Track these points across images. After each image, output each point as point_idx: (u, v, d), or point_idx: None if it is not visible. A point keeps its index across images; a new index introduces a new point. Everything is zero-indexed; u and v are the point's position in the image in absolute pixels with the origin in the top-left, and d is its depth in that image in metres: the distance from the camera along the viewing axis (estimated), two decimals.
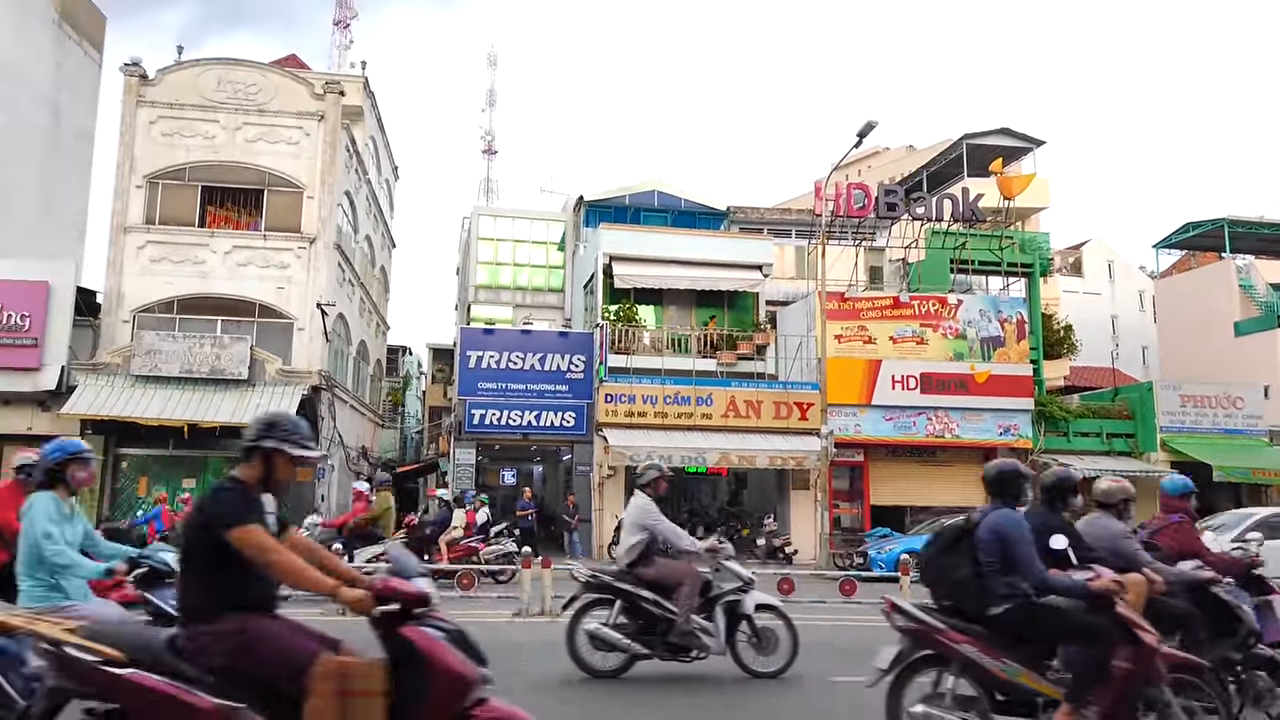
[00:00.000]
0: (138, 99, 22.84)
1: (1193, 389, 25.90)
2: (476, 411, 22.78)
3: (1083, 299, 41.77)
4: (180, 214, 22.77)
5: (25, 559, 4.94)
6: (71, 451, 5.16)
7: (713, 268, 25.23)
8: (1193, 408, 25.48)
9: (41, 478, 5.16)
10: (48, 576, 4.91)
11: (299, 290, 22.76)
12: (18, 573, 4.97)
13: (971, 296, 25.68)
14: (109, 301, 22.16)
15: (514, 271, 35.65)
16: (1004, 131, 27.98)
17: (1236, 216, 31.49)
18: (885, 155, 55.46)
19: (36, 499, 5.02)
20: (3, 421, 21.09)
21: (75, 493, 5.21)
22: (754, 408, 23.21)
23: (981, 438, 23.89)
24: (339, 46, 70.70)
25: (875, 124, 19.65)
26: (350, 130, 25.78)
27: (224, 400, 20.70)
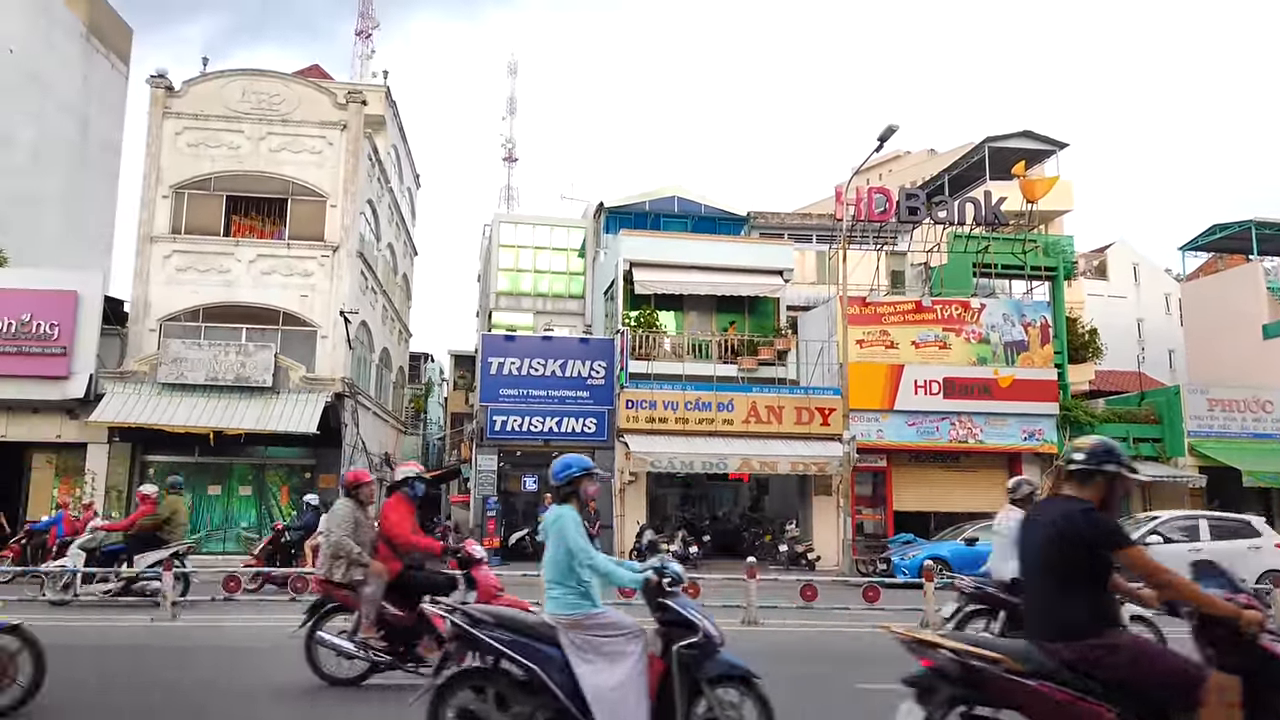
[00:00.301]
0: (164, 110, 23.13)
1: (1220, 393, 25.58)
2: (498, 418, 22.87)
3: (1107, 302, 41.36)
4: (205, 223, 23.04)
5: (557, 568, 5.06)
6: (585, 468, 5.37)
7: (733, 273, 25.20)
8: (1221, 412, 25.17)
9: (564, 492, 5.38)
10: (577, 585, 5.04)
11: (322, 298, 22.95)
12: (546, 580, 5.12)
13: (994, 300, 25.51)
14: (136, 310, 22.43)
15: (535, 278, 35.75)
16: (1026, 134, 27.80)
17: (1264, 218, 31.08)
18: (906, 159, 55.19)
19: (565, 512, 5.19)
20: (32, 429, 21.40)
21: (585, 506, 5.39)
22: (775, 413, 23.15)
23: (1005, 443, 23.71)
24: (361, 56, 71.36)
25: (896, 128, 19.58)
26: (372, 139, 25.98)
27: (248, 407, 20.89)
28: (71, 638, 9.82)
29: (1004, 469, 24.32)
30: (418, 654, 7.40)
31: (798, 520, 23.42)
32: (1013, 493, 8.25)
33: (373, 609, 7.39)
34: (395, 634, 7.44)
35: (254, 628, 11.05)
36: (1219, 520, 16.79)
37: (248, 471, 22.45)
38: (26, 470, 21.73)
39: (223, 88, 23.58)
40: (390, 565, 7.55)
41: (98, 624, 11.25)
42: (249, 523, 22.10)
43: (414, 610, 7.33)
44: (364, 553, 7.60)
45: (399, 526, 7.63)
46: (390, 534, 7.64)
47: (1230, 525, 16.79)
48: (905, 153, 55.84)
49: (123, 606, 12.32)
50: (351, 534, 7.64)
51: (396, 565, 7.56)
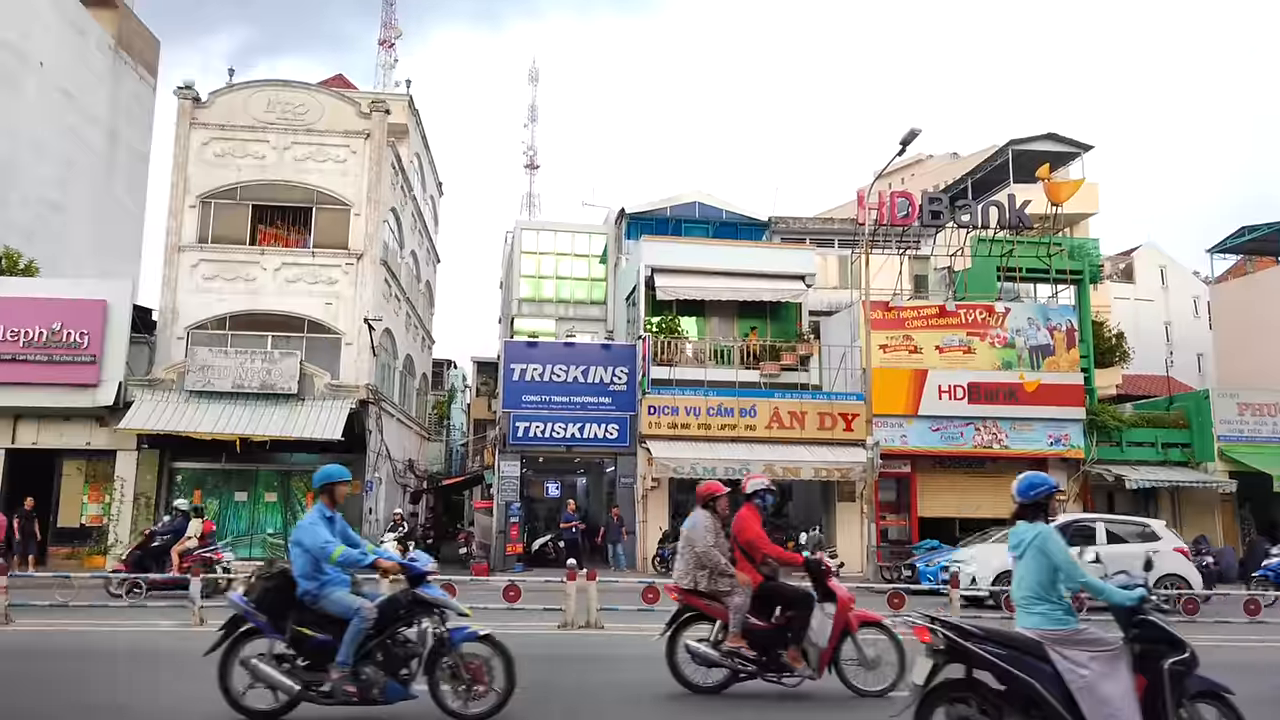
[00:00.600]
0: (191, 121, 23.43)
1: (1251, 396, 25.21)
2: (520, 424, 22.93)
3: (1135, 306, 40.97)
4: (232, 232, 23.30)
5: (1040, 586, 5.14)
6: (1052, 488, 5.49)
7: (755, 278, 25.14)
8: (1251, 416, 24.80)
9: (1035, 508, 5.43)
10: (1059, 601, 5.12)
11: (346, 306, 23.14)
12: (1023, 597, 5.21)
13: (1019, 304, 25.30)
14: (164, 319, 22.71)
15: (556, 285, 35.89)
16: (1051, 137, 27.56)
17: None
18: (929, 163, 54.85)
19: (1045, 530, 5.26)
20: (63, 436, 21.70)
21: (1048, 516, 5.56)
22: (798, 419, 23.07)
23: (1031, 448, 23.49)
24: (384, 66, 71.98)
25: (918, 132, 19.50)
26: (395, 148, 26.19)
27: (274, 414, 21.08)
28: None
29: None
30: (781, 663, 7.46)
31: (821, 526, 23.31)
32: None
33: (740, 619, 7.46)
34: (757, 643, 7.52)
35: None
36: (1117, 523, 16.66)
37: (273, 478, 22.64)
38: (57, 477, 22.02)
39: (248, 98, 23.86)
40: (750, 576, 7.63)
41: None
42: (275, 528, 22.27)
43: (772, 620, 7.54)
44: (729, 564, 7.65)
45: (761, 539, 7.74)
46: (752, 545, 7.71)
47: (1129, 529, 16.63)
48: (928, 156, 55.51)
49: None
50: (715, 545, 7.68)
51: (756, 576, 7.65)
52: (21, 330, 20.86)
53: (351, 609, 6.20)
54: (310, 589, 6.30)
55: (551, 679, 8.28)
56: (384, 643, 6.32)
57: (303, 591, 6.30)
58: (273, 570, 6.49)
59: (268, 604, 6.29)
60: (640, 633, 11.37)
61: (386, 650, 6.31)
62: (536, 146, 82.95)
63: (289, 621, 6.27)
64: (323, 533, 6.36)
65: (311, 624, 6.28)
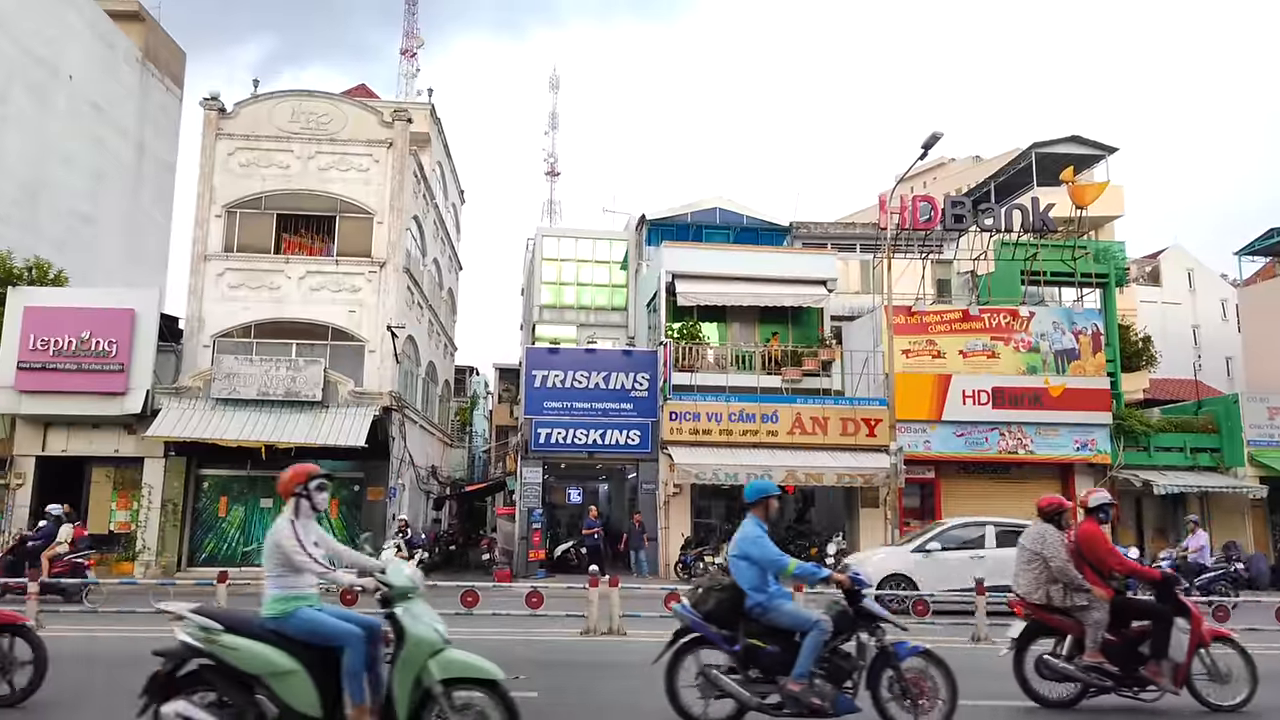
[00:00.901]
0: (216, 132, 23.70)
1: None
2: (542, 430, 22.98)
3: (1162, 309, 40.52)
4: (257, 241, 23.53)
5: None
6: None
7: (776, 284, 25.08)
8: None
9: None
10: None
11: (370, 313, 23.30)
12: None
13: (1044, 308, 25.07)
14: (190, 327, 22.96)
15: (578, 291, 35.93)
16: (1074, 139, 27.31)
17: None
18: (951, 166, 54.61)
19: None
20: (92, 444, 21.99)
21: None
22: (820, 424, 22.97)
23: (1057, 453, 23.27)
24: (406, 75, 72.58)
25: (940, 135, 19.37)
26: (418, 156, 26.36)
27: (299, 422, 21.24)
28: None
29: (1056, 479, 23.86)
30: (1139, 677, 7.43)
31: (844, 532, 23.18)
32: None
33: (1099, 634, 7.42)
34: (1114, 657, 7.49)
35: None
36: (1006, 527, 16.47)
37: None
38: (86, 484, 22.30)
39: (273, 108, 24.11)
40: (1104, 591, 7.60)
41: None
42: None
43: (1125, 633, 7.50)
44: (1083, 579, 7.59)
45: (1114, 554, 7.74)
46: (1102, 560, 7.68)
47: (1016, 532, 16.35)
48: (950, 160, 55.26)
49: None
50: (1070, 560, 7.60)
51: (1108, 591, 7.62)
52: (52, 339, 21.15)
53: (809, 621, 6.25)
54: (760, 601, 6.36)
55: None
56: (828, 655, 6.34)
57: (752, 603, 6.35)
58: (722, 582, 6.52)
59: (719, 616, 6.37)
60: (666, 639, 11.37)
61: (831, 663, 6.33)
62: (557, 153, 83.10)
63: (739, 633, 6.35)
64: (774, 546, 6.49)
65: (760, 636, 6.35)
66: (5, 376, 21.04)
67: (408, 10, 75.38)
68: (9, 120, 26.93)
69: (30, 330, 21.12)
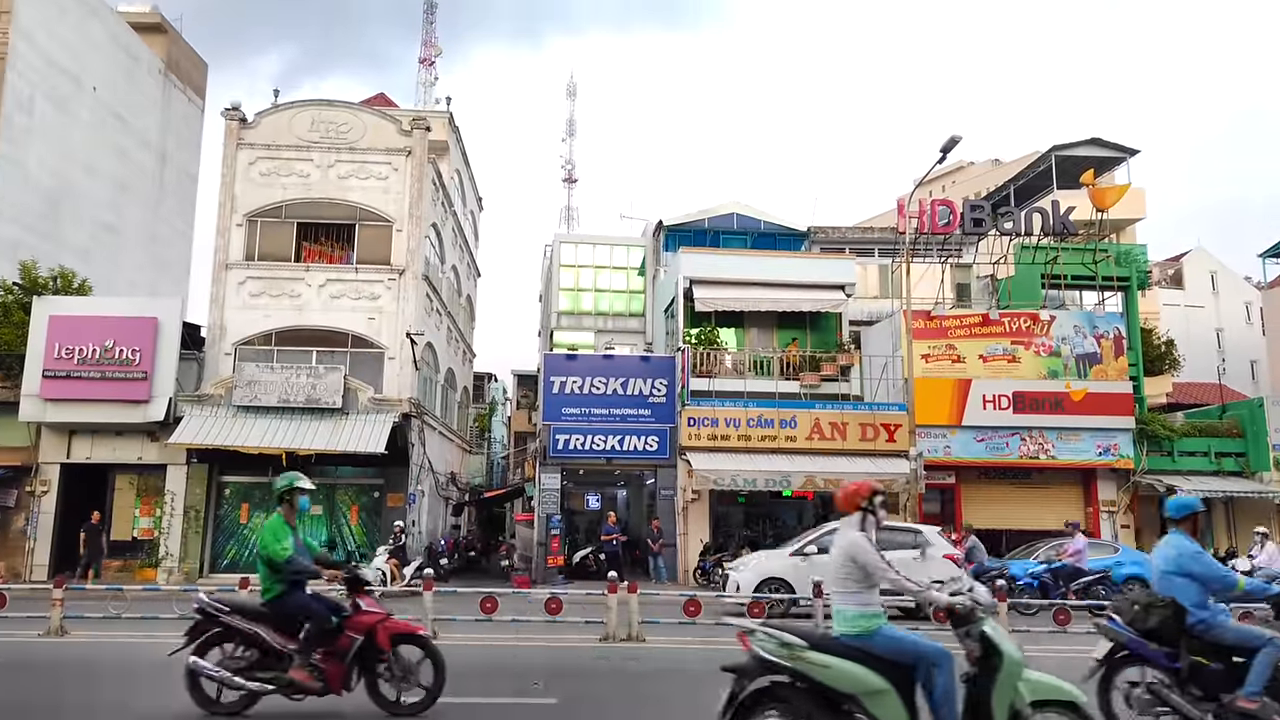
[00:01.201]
0: (238, 142, 23.92)
1: None
2: (561, 436, 23.00)
3: (1184, 312, 40.12)
4: (277, 250, 23.73)
5: None
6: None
7: (794, 289, 25.01)
8: None
9: None
10: None
11: (389, 320, 23.43)
12: None
13: (1065, 312, 24.88)
14: (212, 335, 23.16)
15: (595, 297, 36.00)
16: (1095, 142, 27.16)
17: None
18: (970, 170, 54.38)
19: None
20: (115, 452, 22.20)
21: None
22: (839, 430, 22.88)
23: (1079, 458, 23.07)
24: (424, 84, 73.15)
25: (959, 139, 19.29)
26: (436, 164, 26.50)
27: (319, 428, 21.37)
28: None
29: (1079, 485, 23.66)
30: None
31: None
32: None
33: None
34: None
35: None
36: (887, 529, 16.23)
37: (319, 491, 22.87)
38: (110, 491, 22.52)
39: (293, 118, 24.31)
40: None
41: None
42: (320, 542, 22.53)
43: None
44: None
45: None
46: None
47: (898, 535, 16.19)
48: (969, 163, 55.05)
49: None
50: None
51: None
52: (76, 348, 21.38)
53: (1260, 638, 6.13)
54: (1204, 618, 6.26)
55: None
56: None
57: (1195, 620, 6.26)
58: (1159, 600, 6.38)
59: (1160, 633, 6.26)
60: (684, 646, 11.36)
61: (1276, 681, 6.15)
62: (575, 160, 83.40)
63: (1181, 650, 6.21)
64: (1217, 563, 6.43)
65: (1202, 653, 6.21)
66: (31, 385, 21.29)
67: (426, 19, 76.12)
68: (34, 132, 27.30)
69: (55, 339, 21.35)
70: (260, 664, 6.88)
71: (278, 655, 6.88)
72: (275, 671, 6.84)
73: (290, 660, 6.82)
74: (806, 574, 14.91)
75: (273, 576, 6.96)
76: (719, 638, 11.85)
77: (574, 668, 9.78)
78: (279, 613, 6.95)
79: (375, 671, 6.94)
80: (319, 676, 6.78)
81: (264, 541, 7.01)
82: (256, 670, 6.85)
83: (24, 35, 26.83)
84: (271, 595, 6.97)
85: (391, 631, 6.94)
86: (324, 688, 6.78)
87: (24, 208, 26.81)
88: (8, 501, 21.98)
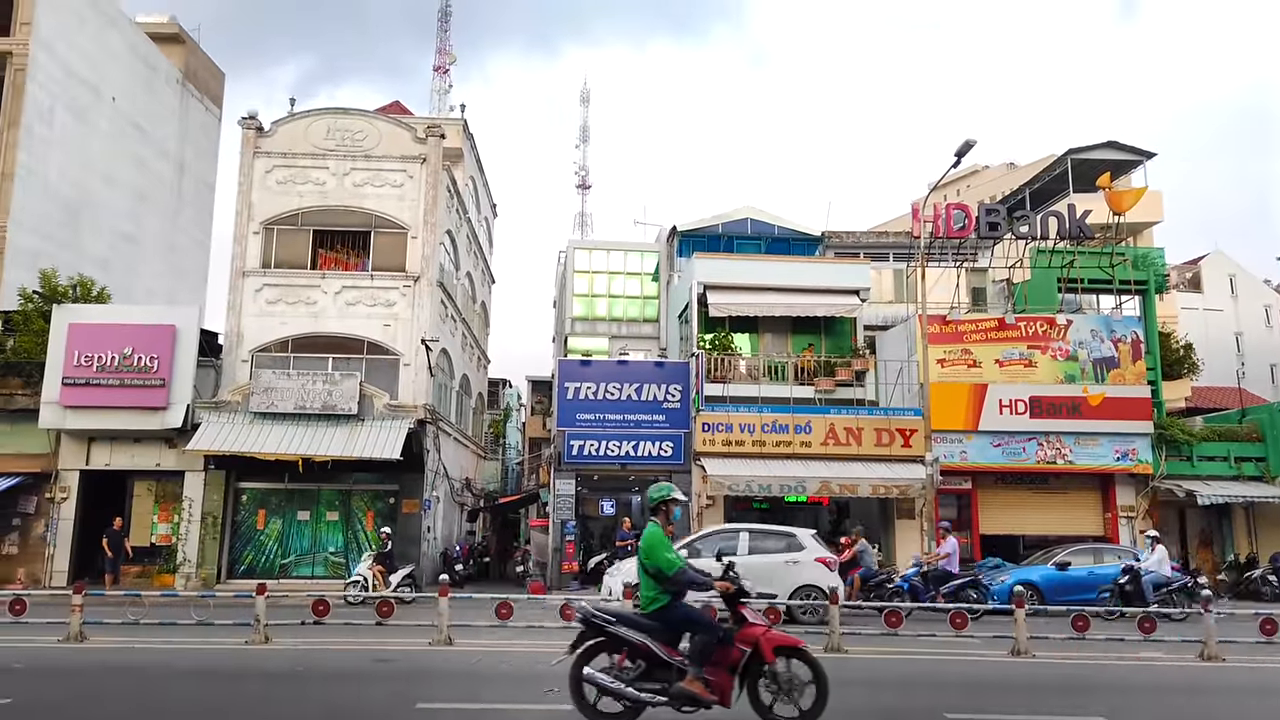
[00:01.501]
0: (254, 150, 24.11)
1: None
2: (575, 442, 23.02)
3: (1203, 316, 39.74)
4: (294, 257, 23.88)
5: None
6: None
7: (808, 294, 24.96)
8: None
9: None
10: None
11: (404, 327, 23.53)
12: None
13: (1082, 316, 24.72)
14: (229, 342, 23.33)
15: (609, 303, 36.03)
16: (1111, 145, 26.96)
17: None
18: (985, 174, 54.18)
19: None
20: (134, 458, 22.37)
21: None
22: (854, 435, 22.80)
23: (1097, 463, 22.90)
24: (439, 91, 73.51)
25: (974, 143, 19.22)
26: (451, 171, 26.63)
27: (335, 435, 21.47)
28: None
29: (1096, 490, 23.48)
30: None
31: (880, 544, 22.96)
32: None
33: None
34: None
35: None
36: (761, 532, 16.14)
37: (335, 497, 23.04)
38: (128, 497, 22.69)
39: (309, 126, 24.49)
40: None
41: None
42: (336, 547, 22.66)
43: None
44: None
45: None
46: None
47: (771, 538, 16.05)
48: (984, 167, 54.84)
49: None
50: None
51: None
52: (95, 355, 21.57)
53: None
54: None
55: None
56: None
57: None
58: None
59: None
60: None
61: None
62: (588, 166, 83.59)
63: None
64: None
65: None
66: (51, 392, 21.49)
67: (440, 28, 76.59)
68: (54, 142, 27.60)
69: (75, 347, 21.56)
70: (647, 675, 6.80)
71: (664, 666, 6.80)
72: (662, 683, 6.76)
73: (676, 672, 6.74)
74: None
75: (657, 587, 6.81)
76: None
77: None
78: (664, 623, 6.85)
79: (756, 683, 6.82)
80: (713, 688, 6.65)
81: (650, 552, 6.81)
82: (645, 682, 6.77)
83: (44, 46, 27.15)
84: (657, 606, 6.84)
85: (775, 644, 6.84)
86: (718, 700, 6.66)
87: (44, 217, 27.11)
88: (28, 508, 22.18)
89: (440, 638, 11.61)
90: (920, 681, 9.63)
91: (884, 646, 11.65)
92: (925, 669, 10.50)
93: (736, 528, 16.81)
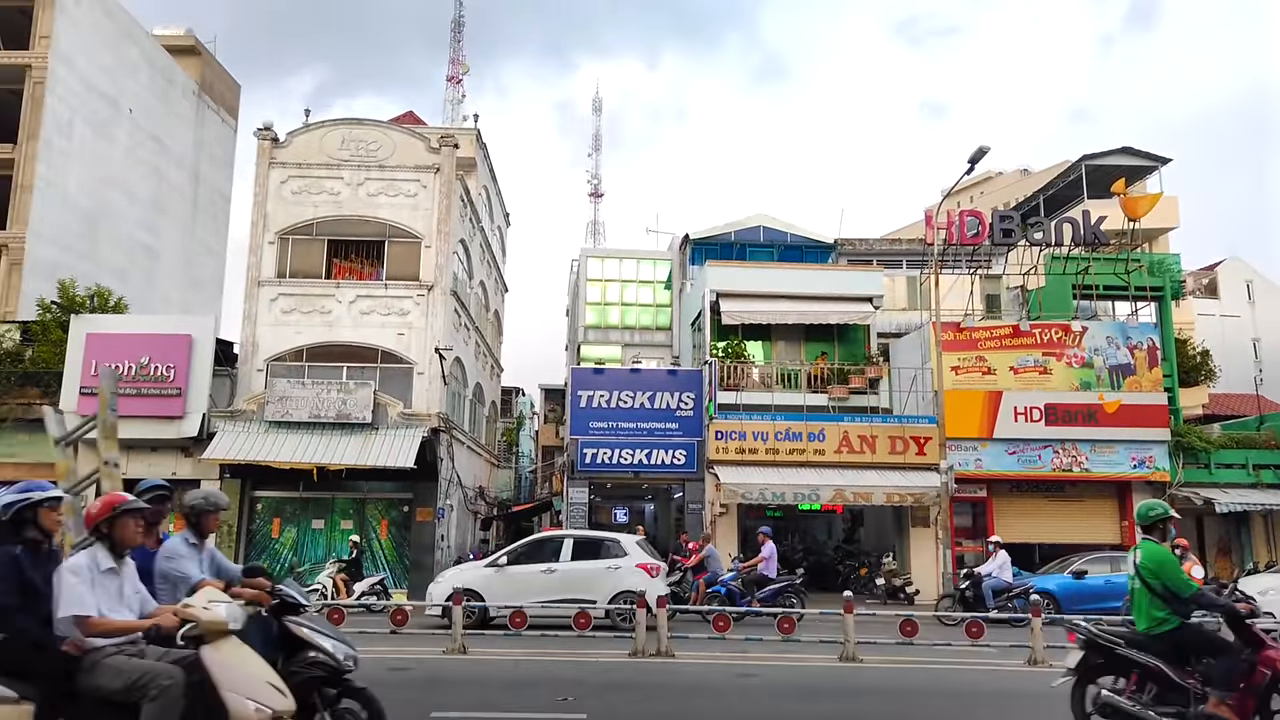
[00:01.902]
0: (270, 161, 24.28)
1: None
2: (588, 450, 23.04)
3: (1220, 322, 39.43)
4: (309, 267, 24.02)
5: None
6: None
7: (821, 301, 24.93)
8: None
9: None
10: None
11: (418, 336, 23.61)
12: None
13: (1097, 323, 24.58)
14: (244, 351, 23.46)
15: (622, 311, 36.08)
16: (1125, 150, 26.81)
17: None
18: (998, 180, 53.96)
19: None
20: (150, 467, 22.45)
21: None
22: (868, 443, 22.72)
23: (1113, 471, 22.74)
24: (452, 101, 73.89)
25: (987, 149, 19.17)
26: (464, 181, 26.74)
27: (349, 444, 21.54)
28: None
29: (1113, 498, 23.31)
30: None
31: (894, 552, 22.86)
32: None
33: None
34: None
35: None
36: (583, 539, 16.13)
37: (349, 506, 23.10)
38: None
39: (323, 137, 24.66)
40: None
41: None
42: (350, 556, 22.67)
43: None
44: None
45: None
46: None
47: (594, 544, 15.98)
48: (997, 174, 54.61)
49: None
50: None
51: None
52: (112, 365, 21.69)
53: None
54: None
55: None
56: None
57: None
58: None
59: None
60: (714, 661, 11.31)
61: None
62: (600, 175, 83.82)
63: None
64: None
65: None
66: (68, 402, 21.64)
67: (453, 38, 76.93)
68: (72, 154, 27.89)
69: (92, 356, 21.70)
70: (1160, 699, 6.61)
71: (1177, 690, 6.62)
72: (1177, 706, 6.59)
73: (1192, 696, 6.55)
74: (500, 584, 15.00)
75: (1167, 608, 6.61)
76: (748, 653, 11.81)
77: (604, 682, 9.77)
78: (1174, 646, 6.68)
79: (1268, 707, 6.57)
80: (1237, 713, 6.43)
81: (1162, 572, 6.57)
82: (1160, 705, 6.57)
83: (63, 59, 27.45)
84: (1168, 628, 6.64)
85: None
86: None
87: (63, 228, 27.37)
88: None
89: (454, 646, 11.64)
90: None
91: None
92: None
93: (562, 534, 16.92)
